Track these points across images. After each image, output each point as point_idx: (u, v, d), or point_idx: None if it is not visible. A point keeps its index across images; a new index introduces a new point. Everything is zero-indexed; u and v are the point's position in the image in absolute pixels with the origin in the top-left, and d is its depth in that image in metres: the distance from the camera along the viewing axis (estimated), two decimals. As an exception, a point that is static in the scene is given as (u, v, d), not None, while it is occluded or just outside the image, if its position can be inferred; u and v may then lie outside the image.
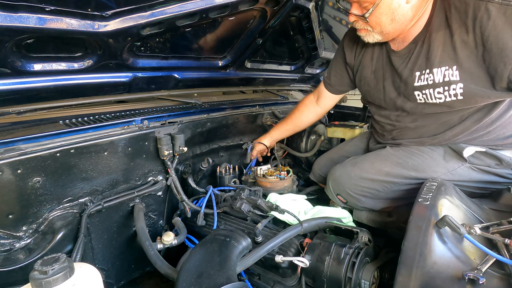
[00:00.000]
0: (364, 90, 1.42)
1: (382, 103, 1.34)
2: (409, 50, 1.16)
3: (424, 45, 1.10)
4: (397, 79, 1.22)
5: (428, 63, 1.09)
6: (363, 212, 1.42)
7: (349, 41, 1.41)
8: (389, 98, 1.28)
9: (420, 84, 1.13)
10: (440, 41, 1.05)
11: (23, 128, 1.11)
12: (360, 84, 1.42)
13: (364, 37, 1.19)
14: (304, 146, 2.03)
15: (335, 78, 1.54)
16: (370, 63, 1.33)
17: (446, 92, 1.08)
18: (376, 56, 1.30)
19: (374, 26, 1.12)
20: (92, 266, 0.80)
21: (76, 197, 1.15)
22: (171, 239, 1.20)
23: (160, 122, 1.41)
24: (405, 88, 1.20)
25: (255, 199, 1.33)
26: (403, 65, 1.18)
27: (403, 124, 1.30)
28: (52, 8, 0.94)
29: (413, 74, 1.15)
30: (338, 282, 0.99)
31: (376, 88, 1.33)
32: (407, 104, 1.23)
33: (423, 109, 1.19)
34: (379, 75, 1.30)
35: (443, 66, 1.06)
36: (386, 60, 1.26)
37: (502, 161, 1.15)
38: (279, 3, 1.51)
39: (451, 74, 1.04)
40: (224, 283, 0.86)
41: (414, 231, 0.84)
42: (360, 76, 1.39)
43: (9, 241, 1.02)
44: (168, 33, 1.31)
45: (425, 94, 1.13)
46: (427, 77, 1.11)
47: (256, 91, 2.42)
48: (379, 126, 1.43)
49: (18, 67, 1.04)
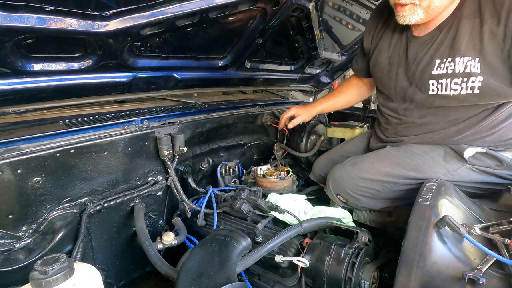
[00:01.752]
0: (376, 76, 1.40)
1: (391, 92, 1.32)
2: (432, 37, 1.13)
3: (451, 32, 1.08)
4: (412, 67, 1.20)
5: (452, 51, 1.07)
6: (363, 212, 1.42)
7: (370, 24, 1.40)
8: (400, 87, 1.26)
9: (438, 72, 1.11)
10: (468, 29, 1.03)
11: (23, 128, 1.11)
12: (373, 69, 1.40)
13: (405, 16, 1.09)
14: (304, 146, 2.03)
15: (362, 63, 1.54)
16: (387, 48, 1.30)
17: (463, 84, 1.05)
18: (395, 42, 1.28)
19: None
20: (92, 266, 0.80)
21: (76, 197, 1.15)
22: (171, 239, 1.20)
23: (160, 122, 1.41)
24: (420, 76, 1.17)
25: (255, 199, 1.33)
26: (423, 51, 1.15)
27: (410, 119, 1.28)
28: (52, 8, 0.94)
29: (433, 61, 1.12)
30: (338, 282, 0.99)
31: (388, 75, 1.31)
32: (417, 95, 1.21)
33: (433, 101, 1.17)
34: (394, 61, 1.28)
35: (466, 56, 1.03)
36: (404, 47, 1.23)
37: (502, 162, 1.15)
38: (279, 3, 1.51)
39: (473, 66, 1.02)
40: (224, 283, 0.86)
41: (414, 231, 0.84)
42: (375, 61, 1.37)
43: (9, 241, 1.01)
44: (168, 33, 1.31)
45: (441, 84, 1.11)
46: (447, 65, 1.08)
47: (256, 91, 2.42)
48: (384, 119, 1.41)
49: (18, 67, 1.04)
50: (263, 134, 2.12)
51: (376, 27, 1.36)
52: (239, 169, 1.79)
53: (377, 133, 1.50)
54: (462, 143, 1.19)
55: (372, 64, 1.40)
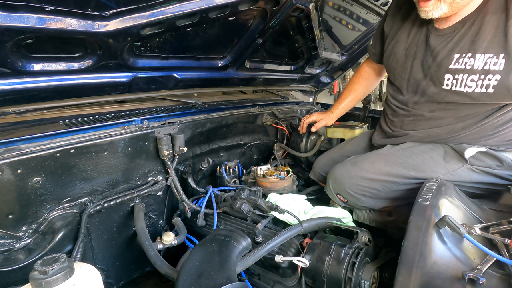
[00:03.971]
0: (390, 67, 1.37)
1: (403, 84, 1.30)
2: (454, 30, 1.11)
3: (473, 26, 1.06)
4: (429, 59, 1.18)
5: (472, 47, 1.05)
6: (363, 211, 1.42)
7: (394, 9, 1.36)
8: (414, 78, 1.25)
9: (456, 67, 1.09)
10: (493, 25, 1.01)
11: (23, 128, 1.11)
12: (388, 59, 1.37)
13: (429, 11, 1.07)
14: (304, 146, 2.03)
15: (379, 47, 1.49)
16: (405, 39, 1.28)
17: (480, 81, 1.04)
18: (414, 33, 1.25)
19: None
20: (92, 266, 0.80)
21: (76, 197, 1.15)
22: (171, 239, 1.20)
23: (160, 122, 1.41)
24: (436, 69, 1.15)
25: (255, 199, 1.33)
26: (442, 44, 1.14)
27: (419, 112, 1.27)
28: (52, 8, 0.94)
29: (451, 55, 1.11)
30: (338, 282, 0.99)
31: (403, 66, 1.29)
32: (430, 89, 1.20)
33: (445, 96, 1.16)
34: (410, 52, 1.26)
35: (488, 53, 1.02)
36: (423, 38, 1.21)
37: (503, 162, 1.15)
38: (279, 3, 1.51)
39: (493, 63, 1.01)
40: (224, 283, 0.86)
41: (414, 231, 0.84)
42: (391, 51, 1.34)
43: (9, 241, 1.01)
44: (168, 33, 1.31)
45: (456, 79, 1.10)
46: (466, 61, 1.07)
47: (256, 91, 2.42)
48: (391, 111, 1.40)
49: (18, 67, 1.04)
50: (263, 134, 2.12)
51: (399, 13, 1.33)
52: (239, 169, 1.79)
53: (382, 126, 1.48)
54: (465, 141, 1.19)
55: (387, 54, 1.37)
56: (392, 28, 1.36)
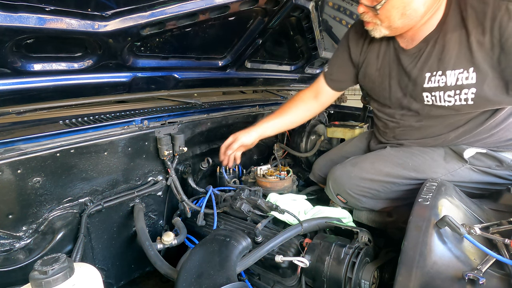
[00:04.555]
0: (368, 87, 1.38)
1: (386, 102, 1.31)
2: (419, 49, 1.13)
3: (437, 45, 1.07)
4: (405, 78, 1.19)
5: (441, 65, 1.06)
6: (363, 212, 1.42)
7: (355, 36, 1.36)
8: (395, 97, 1.26)
9: (430, 85, 1.11)
10: (455, 42, 1.02)
11: (23, 128, 1.11)
12: (364, 81, 1.38)
13: (371, 31, 1.15)
14: (304, 146, 2.03)
15: (338, 74, 1.45)
16: (376, 60, 1.29)
17: (456, 96, 1.05)
18: (383, 53, 1.27)
19: (383, 19, 1.07)
20: (92, 266, 0.80)
21: (76, 197, 1.15)
22: (171, 239, 1.20)
23: (160, 122, 1.41)
24: (413, 89, 1.17)
25: (255, 199, 1.33)
26: (412, 64, 1.15)
27: (407, 123, 1.28)
28: (52, 8, 0.94)
29: (423, 74, 1.12)
30: (338, 282, 0.99)
31: (381, 86, 1.30)
32: (413, 105, 1.21)
33: (429, 110, 1.17)
34: (384, 73, 1.27)
35: (457, 69, 1.03)
36: (394, 57, 1.22)
37: (503, 162, 1.15)
38: (279, 3, 1.51)
39: (465, 78, 1.02)
40: (224, 283, 0.86)
41: (414, 231, 0.84)
42: (365, 73, 1.35)
43: (9, 241, 1.01)
44: (168, 33, 1.31)
45: (434, 96, 1.11)
46: (438, 79, 1.08)
47: (256, 91, 2.42)
48: (381, 123, 1.41)
49: (18, 67, 1.04)
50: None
51: (364, 38, 1.32)
52: (239, 169, 1.79)
53: (377, 136, 1.50)
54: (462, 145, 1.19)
55: (361, 76, 1.38)
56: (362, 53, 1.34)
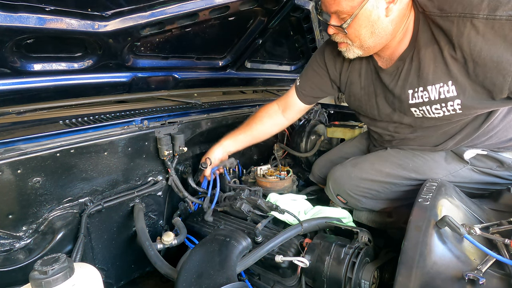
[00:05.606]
0: (355, 105, 1.37)
1: (376, 117, 1.30)
2: (397, 68, 1.12)
3: (413, 62, 1.06)
4: (390, 96, 1.18)
5: (421, 81, 1.06)
6: (363, 212, 1.42)
7: (332, 55, 1.33)
8: (384, 113, 1.25)
9: (415, 101, 1.10)
10: (430, 57, 1.01)
11: (23, 128, 1.11)
12: (349, 100, 1.37)
13: (344, 52, 1.15)
14: (304, 146, 2.03)
15: (312, 90, 1.43)
16: (358, 80, 1.28)
17: (444, 108, 1.05)
18: (364, 72, 1.26)
19: (353, 39, 1.07)
20: (92, 266, 0.80)
21: (76, 197, 1.15)
22: (171, 239, 1.20)
23: (160, 122, 1.41)
24: (400, 105, 1.16)
25: (255, 199, 1.33)
26: (393, 82, 1.14)
27: (402, 135, 1.27)
28: (52, 8, 0.94)
29: (405, 92, 1.11)
30: (338, 282, 0.99)
31: (368, 104, 1.29)
32: (404, 119, 1.20)
33: (422, 123, 1.17)
34: (369, 91, 1.26)
35: (437, 83, 1.02)
36: (375, 76, 1.22)
37: (503, 163, 1.15)
38: (279, 3, 1.51)
39: (447, 91, 1.01)
40: (224, 283, 0.86)
41: (414, 231, 0.84)
42: (349, 92, 1.34)
43: (9, 241, 1.01)
44: (168, 33, 1.31)
45: (422, 110, 1.10)
46: (421, 94, 1.07)
47: (256, 91, 2.42)
48: (377, 135, 1.40)
49: (18, 67, 1.04)
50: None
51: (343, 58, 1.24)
52: (239, 169, 1.78)
53: (374, 143, 1.49)
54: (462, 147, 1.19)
55: (347, 95, 1.37)
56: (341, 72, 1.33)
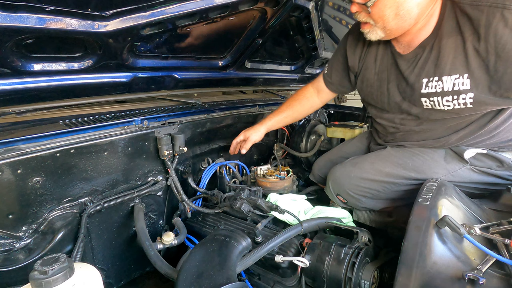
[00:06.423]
0: (366, 92, 1.37)
1: (385, 106, 1.31)
2: (416, 55, 1.12)
3: (433, 51, 1.06)
4: (403, 83, 1.19)
5: (438, 70, 1.06)
6: (363, 212, 1.42)
7: (352, 42, 1.36)
8: (394, 101, 1.25)
9: (427, 91, 1.10)
10: (451, 47, 1.01)
11: (23, 128, 1.11)
12: (362, 86, 1.38)
13: (366, 33, 1.14)
14: (304, 146, 2.03)
15: (336, 78, 1.49)
16: (373, 64, 1.29)
17: (455, 101, 1.05)
18: (380, 57, 1.26)
19: (376, 19, 1.06)
20: (92, 266, 0.80)
21: (76, 197, 1.15)
22: (171, 239, 1.20)
23: (160, 122, 1.41)
24: (411, 94, 1.16)
25: (255, 199, 1.33)
26: (409, 69, 1.14)
27: (408, 127, 1.27)
28: (52, 8, 0.94)
29: (420, 80, 1.11)
30: (338, 282, 0.99)
31: (379, 90, 1.29)
32: (412, 109, 1.20)
33: (429, 115, 1.17)
34: (383, 77, 1.26)
35: (453, 75, 1.02)
36: (392, 61, 1.22)
37: (503, 163, 1.15)
38: (279, 3, 1.51)
39: (461, 83, 1.01)
40: (224, 283, 0.86)
41: (414, 231, 0.84)
42: (363, 78, 1.35)
43: (9, 241, 1.01)
44: (168, 33, 1.31)
45: (433, 101, 1.10)
46: (435, 84, 1.07)
47: (256, 91, 2.42)
48: (381, 128, 1.40)
49: (18, 67, 1.04)
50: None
51: (361, 43, 1.32)
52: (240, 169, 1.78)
53: (376, 139, 1.49)
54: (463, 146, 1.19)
55: (360, 81, 1.38)
56: (359, 59, 1.35)
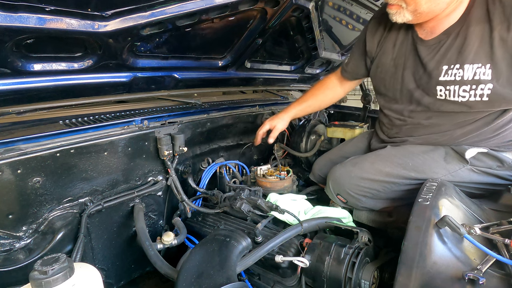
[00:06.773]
0: (378, 78, 1.35)
1: (397, 94, 1.29)
2: (439, 41, 1.10)
3: (458, 38, 1.05)
4: (420, 70, 1.17)
5: (460, 58, 1.04)
6: (363, 212, 1.42)
7: (373, 26, 1.34)
8: (406, 89, 1.23)
9: (446, 79, 1.09)
10: (478, 35, 1.00)
11: (23, 128, 1.11)
12: (376, 71, 1.36)
13: (393, 14, 1.11)
14: (304, 146, 2.03)
15: (352, 65, 1.51)
16: (392, 50, 1.27)
17: (472, 91, 1.04)
18: (400, 42, 1.24)
19: (409, 2, 1.03)
20: (92, 266, 0.80)
21: (76, 197, 1.15)
22: (171, 239, 1.20)
23: (160, 122, 1.41)
24: (428, 81, 1.15)
25: (255, 199, 1.33)
26: (430, 56, 1.12)
27: (416, 121, 1.26)
28: (52, 8, 0.94)
29: (440, 67, 1.10)
30: (338, 282, 0.99)
31: (393, 77, 1.27)
32: (424, 98, 1.19)
33: (440, 106, 1.15)
34: (399, 62, 1.24)
35: (476, 63, 1.01)
36: (411, 47, 1.20)
37: (504, 162, 1.15)
38: (279, 3, 1.50)
39: (483, 73, 1.00)
40: (224, 283, 0.86)
41: (414, 231, 0.84)
42: (378, 63, 1.33)
43: (9, 241, 1.01)
44: (168, 33, 1.31)
45: (448, 90, 1.09)
46: (455, 72, 1.06)
47: (256, 91, 2.42)
48: (387, 120, 1.39)
49: (18, 67, 1.04)
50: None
51: (384, 29, 1.31)
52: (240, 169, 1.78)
53: (379, 133, 1.48)
54: (465, 144, 1.19)
55: (374, 67, 1.36)
56: (379, 43, 1.34)
